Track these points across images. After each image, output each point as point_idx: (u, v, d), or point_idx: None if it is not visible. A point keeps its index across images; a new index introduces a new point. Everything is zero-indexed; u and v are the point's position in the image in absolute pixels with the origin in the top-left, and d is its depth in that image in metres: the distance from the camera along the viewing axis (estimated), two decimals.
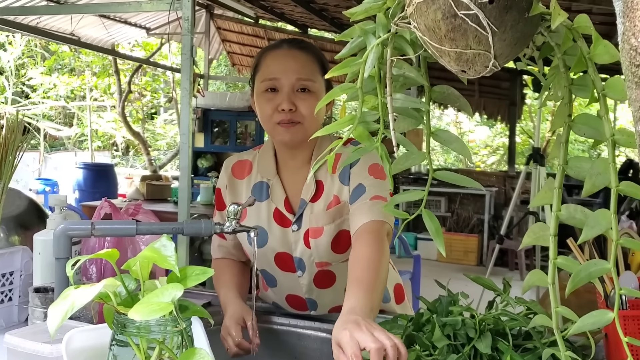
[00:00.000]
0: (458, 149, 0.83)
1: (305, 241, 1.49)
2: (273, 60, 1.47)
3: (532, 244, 0.78)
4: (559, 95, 0.75)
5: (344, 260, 1.49)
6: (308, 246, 1.49)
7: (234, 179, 1.59)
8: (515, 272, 6.86)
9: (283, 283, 1.56)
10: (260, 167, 1.56)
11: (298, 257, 1.51)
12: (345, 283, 1.50)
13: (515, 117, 8.32)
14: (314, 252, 1.49)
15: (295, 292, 1.57)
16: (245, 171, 1.59)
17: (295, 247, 1.51)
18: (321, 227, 1.47)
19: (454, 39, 0.67)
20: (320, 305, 1.57)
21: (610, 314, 0.68)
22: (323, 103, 0.82)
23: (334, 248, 1.48)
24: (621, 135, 0.66)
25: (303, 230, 1.49)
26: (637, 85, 0.46)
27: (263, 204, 1.53)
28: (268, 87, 1.45)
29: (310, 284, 1.53)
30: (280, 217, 1.52)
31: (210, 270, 0.85)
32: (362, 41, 0.77)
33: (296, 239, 1.50)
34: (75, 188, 8.14)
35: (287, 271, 1.54)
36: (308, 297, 1.56)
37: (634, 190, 0.66)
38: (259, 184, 1.55)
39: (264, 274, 1.59)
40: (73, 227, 1.18)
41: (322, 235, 1.47)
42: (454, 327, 1.13)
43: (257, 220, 1.53)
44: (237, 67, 8.96)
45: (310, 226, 1.48)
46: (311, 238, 1.48)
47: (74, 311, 0.81)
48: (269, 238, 1.51)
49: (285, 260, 1.53)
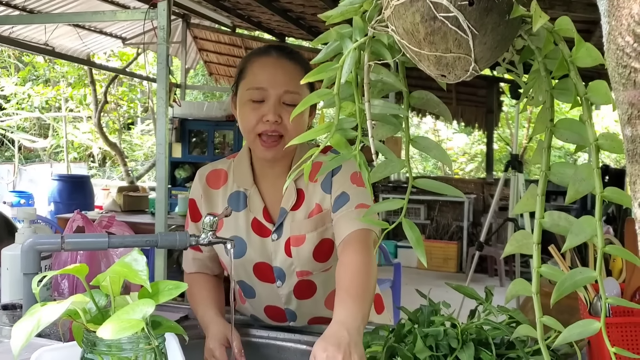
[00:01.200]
0: (438, 156, 0.81)
1: (286, 250, 1.46)
2: (261, 69, 1.43)
3: (515, 252, 0.76)
4: (540, 100, 0.74)
5: (324, 269, 1.48)
6: (289, 255, 1.46)
7: (209, 188, 1.55)
8: (495, 279, 6.88)
9: (261, 294, 1.53)
10: (236, 176, 1.52)
11: (278, 267, 1.48)
12: (326, 294, 1.50)
13: (493, 124, 8.39)
14: (295, 261, 1.46)
15: (274, 303, 1.53)
16: (221, 181, 1.55)
17: (275, 256, 1.48)
18: (303, 235, 1.45)
19: (433, 42, 0.65)
20: (299, 315, 1.54)
21: (597, 324, 0.66)
22: (299, 110, 0.79)
23: (316, 256, 1.46)
24: (605, 140, 0.65)
25: (284, 240, 1.47)
26: (625, 87, 0.44)
27: (240, 213, 1.49)
28: (254, 97, 1.41)
29: (289, 294, 1.50)
30: (259, 227, 1.49)
31: (184, 284, 0.82)
32: (338, 45, 0.75)
33: (276, 249, 1.47)
34: (51, 200, 8.00)
35: (266, 282, 1.50)
36: (287, 308, 1.53)
37: (619, 197, 0.65)
38: (235, 193, 1.52)
39: (241, 285, 1.55)
40: (42, 242, 1.14)
41: (304, 243, 1.45)
42: (435, 337, 1.11)
43: (235, 230, 1.49)
44: (214, 76, 8.91)
45: (292, 234, 1.46)
46: (293, 246, 1.45)
47: (40, 329, 0.77)
48: (247, 249, 1.48)
49: (264, 271, 1.49)
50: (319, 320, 1.53)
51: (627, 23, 0.43)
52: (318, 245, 1.46)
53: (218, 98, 12.00)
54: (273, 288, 1.50)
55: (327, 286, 1.51)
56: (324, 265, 1.48)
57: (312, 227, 1.45)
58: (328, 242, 1.46)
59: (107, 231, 1.59)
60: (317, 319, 1.54)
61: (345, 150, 0.80)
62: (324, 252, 1.46)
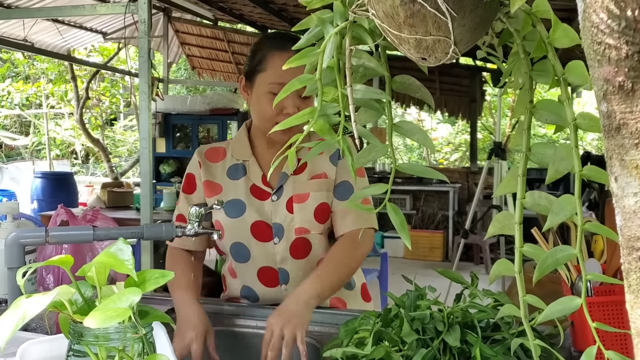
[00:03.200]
0: (421, 140, 0.82)
1: (287, 207, 1.55)
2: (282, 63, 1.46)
3: (498, 234, 0.77)
4: (520, 82, 0.75)
5: (321, 232, 1.57)
6: (290, 211, 1.55)
7: (208, 162, 1.63)
8: (481, 267, 6.94)
9: (256, 255, 1.56)
10: (234, 151, 1.61)
11: (278, 223, 1.55)
12: (319, 257, 1.58)
13: (476, 113, 8.44)
14: (297, 217, 1.54)
15: (269, 264, 1.56)
16: (220, 156, 1.63)
17: (274, 215, 1.55)
18: (307, 193, 1.55)
19: (413, 25, 0.65)
20: (292, 278, 1.57)
21: (578, 300, 0.67)
22: (281, 97, 0.80)
23: (316, 216, 1.55)
24: (583, 120, 0.66)
25: (284, 200, 1.55)
26: (600, 63, 0.45)
27: (240, 181, 1.58)
28: (275, 91, 1.47)
29: (285, 251, 1.55)
30: (258, 191, 1.57)
31: (170, 273, 0.82)
32: (319, 31, 0.75)
33: (275, 208, 1.55)
34: (34, 198, 7.92)
35: (263, 241, 1.56)
36: (281, 267, 1.56)
37: (598, 175, 0.66)
38: (234, 165, 1.60)
39: (236, 248, 1.57)
40: (26, 235, 1.13)
41: (307, 200, 1.55)
42: (422, 321, 1.12)
43: (234, 194, 1.57)
44: (197, 70, 8.86)
45: (294, 193, 1.55)
46: (295, 203, 1.55)
47: (25, 322, 0.76)
48: (246, 209, 1.55)
49: (262, 229, 1.55)
50: None
51: (601, 0, 0.44)
52: (319, 205, 1.55)
53: (201, 92, 11.93)
54: (269, 247, 1.55)
55: (321, 248, 1.58)
56: (322, 227, 1.57)
57: (316, 188, 1.56)
58: (327, 207, 1.57)
59: (92, 225, 1.58)
60: None
61: (329, 136, 0.81)
62: (324, 214, 1.57)
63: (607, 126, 0.47)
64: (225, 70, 8.72)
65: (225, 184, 1.58)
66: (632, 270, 0.47)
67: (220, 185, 1.59)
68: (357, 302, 1.67)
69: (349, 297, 1.65)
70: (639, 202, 0.46)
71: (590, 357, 0.65)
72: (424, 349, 1.05)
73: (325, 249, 1.58)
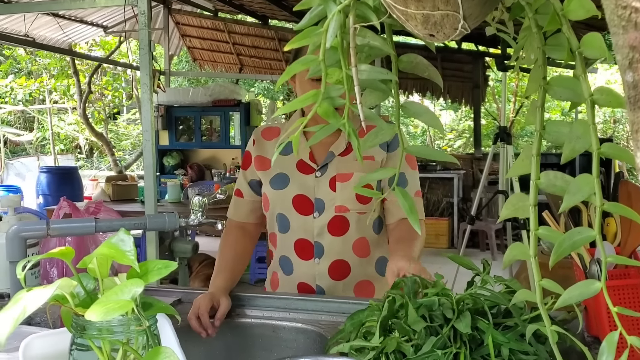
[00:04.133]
0: (429, 121, 0.79)
1: (330, 185, 1.63)
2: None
3: (512, 216, 0.74)
4: (532, 58, 0.72)
5: (361, 211, 1.63)
6: (333, 189, 1.62)
7: (262, 139, 1.74)
8: (487, 253, 6.91)
9: (295, 226, 1.65)
10: (287, 130, 1.69)
11: (320, 199, 1.63)
12: (356, 236, 1.66)
13: (480, 99, 8.37)
14: (338, 195, 1.61)
15: (306, 237, 1.64)
16: (274, 134, 1.75)
17: (316, 190, 1.63)
18: (351, 173, 1.62)
19: (420, 0, 0.62)
20: (326, 252, 1.63)
21: (597, 284, 0.65)
22: (284, 79, 0.77)
23: (358, 196, 1.62)
24: (600, 95, 0.63)
25: (327, 177, 1.63)
26: (625, 29, 0.42)
27: (289, 156, 1.67)
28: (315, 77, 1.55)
29: (323, 227, 1.62)
30: (304, 166, 1.66)
31: (174, 263, 0.79)
32: (322, 10, 0.72)
33: (318, 184, 1.63)
34: (39, 193, 7.93)
35: (303, 214, 1.64)
36: (317, 242, 1.63)
37: (617, 152, 0.63)
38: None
39: (279, 218, 1.68)
40: (27, 228, 1.11)
41: (350, 179, 1.61)
42: (429, 308, 1.10)
43: (280, 168, 1.67)
44: (198, 62, 8.82)
45: (338, 172, 1.62)
46: (338, 182, 1.62)
47: (27, 315, 0.74)
48: (290, 182, 1.65)
49: (304, 203, 1.64)
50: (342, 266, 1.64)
51: None
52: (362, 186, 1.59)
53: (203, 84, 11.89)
54: (309, 220, 1.63)
55: (359, 228, 1.64)
56: (362, 207, 1.62)
57: (360, 169, 1.62)
58: (371, 188, 1.58)
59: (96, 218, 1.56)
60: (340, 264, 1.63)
61: (333, 119, 0.78)
62: (365, 196, 1.61)
63: (633, 97, 0.44)
64: (226, 61, 8.68)
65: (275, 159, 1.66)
66: None
67: (269, 160, 1.70)
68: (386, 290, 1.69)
69: (380, 284, 1.68)
70: None
71: (612, 344, 0.62)
72: (433, 337, 1.02)
73: (362, 230, 1.65)
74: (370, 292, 1.66)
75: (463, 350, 1.05)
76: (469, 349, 1.05)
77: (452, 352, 1.04)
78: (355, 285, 1.65)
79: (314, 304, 1.51)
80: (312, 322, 1.43)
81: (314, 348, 1.37)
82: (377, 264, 1.68)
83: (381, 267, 1.68)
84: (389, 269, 1.38)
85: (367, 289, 1.66)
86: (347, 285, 1.64)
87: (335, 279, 1.63)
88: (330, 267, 1.62)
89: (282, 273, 1.69)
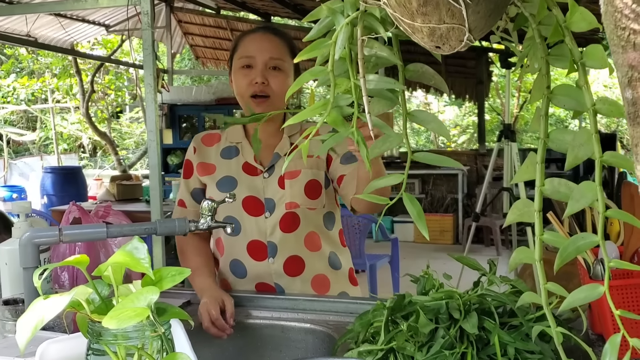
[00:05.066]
0: (436, 129, 0.81)
1: (279, 183, 1.65)
2: (250, 42, 1.67)
3: (517, 221, 0.76)
4: (536, 67, 0.73)
5: (310, 207, 1.66)
6: (282, 187, 1.65)
7: (203, 146, 1.75)
8: (492, 249, 6.93)
9: (247, 228, 1.65)
10: (229, 135, 1.74)
11: (269, 198, 1.65)
12: (307, 231, 1.68)
13: (483, 95, 8.38)
14: (287, 192, 1.64)
15: (259, 237, 1.65)
16: (214, 140, 1.76)
17: (265, 191, 1.66)
18: (299, 170, 1.65)
19: (426, 13, 0.64)
20: (280, 250, 1.65)
21: (601, 288, 0.67)
22: (294, 89, 0.79)
23: (307, 192, 1.65)
24: (603, 105, 0.65)
25: (276, 177, 1.66)
26: (624, 49, 0.44)
27: (233, 160, 1.70)
28: (244, 64, 1.64)
29: (275, 226, 1.64)
30: (250, 168, 1.68)
31: (187, 270, 0.81)
32: (330, 21, 0.74)
33: (266, 185, 1.66)
34: (43, 193, 7.96)
35: (254, 215, 1.65)
36: (270, 241, 1.64)
37: (618, 161, 0.65)
38: (227, 147, 1.73)
39: (229, 221, 1.65)
40: (39, 235, 1.13)
41: (299, 176, 1.65)
42: (436, 312, 1.11)
43: (227, 172, 1.68)
44: (201, 60, 8.83)
45: (287, 170, 1.65)
46: (287, 179, 1.65)
47: (45, 323, 0.76)
48: (237, 184, 1.66)
49: (254, 204, 1.66)
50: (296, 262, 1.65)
51: None
52: (310, 182, 1.65)
53: (206, 82, 11.91)
54: (260, 221, 1.65)
55: (309, 224, 1.67)
56: (311, 203, 1.65)
57: (307, 166, 1.65)
58: (317, 184, 1.66)
59: (104, 221, 1.58)
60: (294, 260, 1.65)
61: (342, 127, 0.80)
62: (314, 190, 1.65)
63: (633, 113, 0.46)
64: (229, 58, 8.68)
65: (219, 163, 1.70)
66: None
67: (213, 165, 1.71)
68: (343, 284, 1.73)
69: (334, 277, 1.71)
70: None
71: (614, 345, 0.64)
72: (441, 339, 1.04)
73: (312, 225, 1.67)
74: (326, 286, 1.69)
75: (470, 350, 1.07)
76: (476, 349, 1.07)
77: (459, 352, 1.05)
78: (311, 280, 1.68)
79: (322, 304, 1.53)
80: (320, 323, 1.45)
81: (323, 348, 1.39)
82: (330, 259, 1.71)
83: (333, 263, 1.72)
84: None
85: (324, 283, 1.69)
86: (304, 280, 1.66)
87: (292, 275, 1.65)
88: (285, 265, 1.65)
89: (234, 277, 1.69)
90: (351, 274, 1.79)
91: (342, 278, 1.74)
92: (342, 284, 1.73)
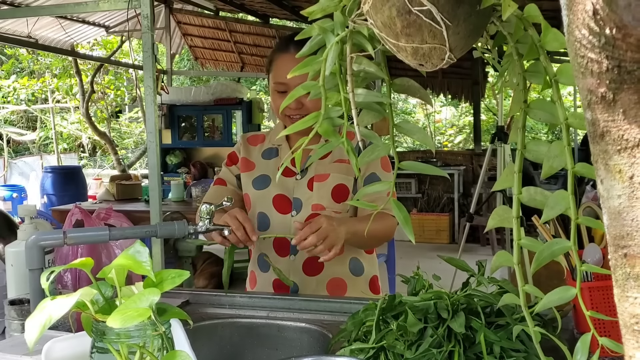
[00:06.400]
0: (421, 139, 0.86)
1: (308, 185, 1.74)
2: (282, 65, 1.70)
3: (497, 226, 0.81)
4: (514, 82, 0.78)
5: (336, 210, 1.72)
6: (310, 189, 1.73)
7: (248, 145, 1.88)
8: (487, 248, 6.98)
9: (275, 224, 1.75)
10: (271, 137, 1.86)
11: (297, 198, 1.74)
12: None
13: (479, 95, 8.42)
14: (315, 194, 1.72)
15: (284, 235, 1.72)
16: (259, 141, 1.88)
17: (294, 191, 1.75)
18: (328, 174, 1.74)
19: (409, 34, 0.68)
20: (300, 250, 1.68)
21: (573, 290, 0.71)
22: (288, 102, 0.83)
23: (334, 195, 1.72)
24: (574, 119, 0.69)
25: (307, 179, 1.75)
26: (583, 75, 0.49)
27: (272, 160, 1.81)
28: (278, 89, 1.71)
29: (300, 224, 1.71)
30: (286, 170, 1.75)
31: (186, 272, 0.86)
32: (321, 39, 0.79)
33: (297, 185, 1.75)
34: (43, 193, 7.99)
35: (282, 212, 1.74)
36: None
37: (589, 171, 0.69)
38: (268, 149, 1.85)
39: (260, 217, 1.77)
40: (45, 237, 1.18)
41: (327, 179, 1.73)
42: (425, 312, 1.16)
43: (264, 171, 1.79)
44: (200, 60, 8.87)
45: (316, 173, 1.74)
46: (315, 182, 1.73)
47: (52, 323, 0.81)
48: (271, 183, 1.77)
49: (283, 202, 1.75)
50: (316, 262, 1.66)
51: (582, 17, 0.47)
52: (337, 186, 1.73)
53: (205, 82, 11.94)
54: (287, 218, 1.73)
55: None
56: (337, 207, 1.72)
57: (336, 170, 1.74)
58: (345, 189, 1.73)
59: (106, 223, 1.63)
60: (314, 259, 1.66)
61: (333, 137, 0.84)
62: (341, 194, 1.73)
63: (592, 133, 0.50)
64: (228, 59, 8.73)
65: (259, 162, 1.82)
66: (618, 266, 0.51)
67: (254, 163, 1.82)
68: (360, 290, 1.76)
69: (353, 283, 1.74)
70: (622, 204, 0.49)
71: (585, 344, 0.69)
72: (429, 338, 1.09)
73: None
74: (342, 290, 1.73)
75: (457, 348, 1.11)
76: (463, 348, 1.12)
77: (447, 350, 1.10)
78: (328, 282, 1.72)
79: (317, 304, 1.58)
80: (315, 322, 1.50)
81: (317, 346, 1.44)
82: (351, 263, 1.75)
83: (354, 268, 1.76)
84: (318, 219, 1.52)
85: (340, 287, 1.73)
86: (320, 281, 1.71)
87: (309, 275, 1.71)
88: (304, 263, 1.71)
89: (260, 271, 1.78)
90: (374, 281, 1.83)
91: (362, 284, 1.78)
92: (361, 290, 1.76)
